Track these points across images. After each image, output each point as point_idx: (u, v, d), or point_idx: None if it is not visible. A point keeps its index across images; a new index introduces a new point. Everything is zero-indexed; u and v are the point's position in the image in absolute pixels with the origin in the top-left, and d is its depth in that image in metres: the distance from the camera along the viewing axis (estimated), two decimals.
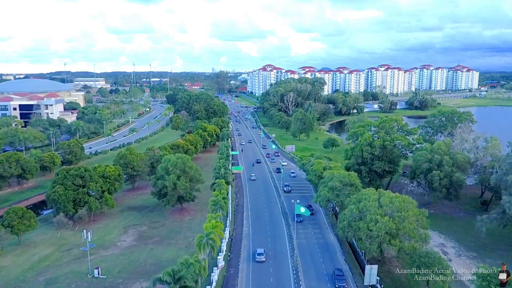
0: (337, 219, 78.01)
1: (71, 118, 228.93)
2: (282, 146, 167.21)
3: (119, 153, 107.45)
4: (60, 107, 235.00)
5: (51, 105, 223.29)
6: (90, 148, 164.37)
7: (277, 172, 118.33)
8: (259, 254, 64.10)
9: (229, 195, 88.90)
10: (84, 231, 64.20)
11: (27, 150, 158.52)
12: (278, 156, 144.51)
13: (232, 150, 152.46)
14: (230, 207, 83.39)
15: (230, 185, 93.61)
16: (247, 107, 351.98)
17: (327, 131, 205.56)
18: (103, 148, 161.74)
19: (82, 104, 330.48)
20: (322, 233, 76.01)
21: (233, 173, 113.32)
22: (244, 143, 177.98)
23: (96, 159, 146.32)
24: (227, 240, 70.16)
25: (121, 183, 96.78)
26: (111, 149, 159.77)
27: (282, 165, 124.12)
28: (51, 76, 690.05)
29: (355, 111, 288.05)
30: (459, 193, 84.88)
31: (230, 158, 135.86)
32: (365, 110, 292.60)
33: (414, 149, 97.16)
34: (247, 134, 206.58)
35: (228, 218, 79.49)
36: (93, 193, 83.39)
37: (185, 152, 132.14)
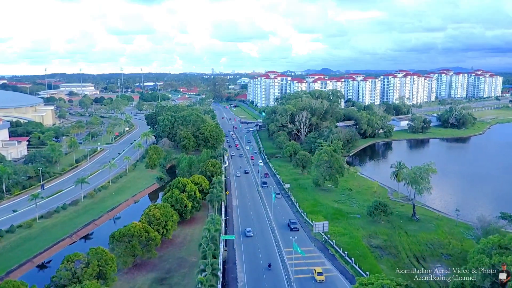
0: None
1: (17, 149, 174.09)
2: (302, 206, 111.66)
3: None
4: (4, 134, 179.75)
5: None
6: (13, 211, 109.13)
7: None
8: None
9: None
10: None
11: None
12: None
13: (226, 223, 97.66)
14: None
15: None
16: (247, 122, 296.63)
17: (360, 172, 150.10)
18: (36, 210, 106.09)
19: (51, 121, 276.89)
20: None
21: None
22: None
23: (4, 245, 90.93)
24: None
25: None
26: (40, 217, 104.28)
27: None
28: (36, 82, 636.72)
29: (381, 131, 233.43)
30: None
31: (222, 247, 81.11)
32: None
33: None
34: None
35: None
36: None
37: (146, 243, 77.15)
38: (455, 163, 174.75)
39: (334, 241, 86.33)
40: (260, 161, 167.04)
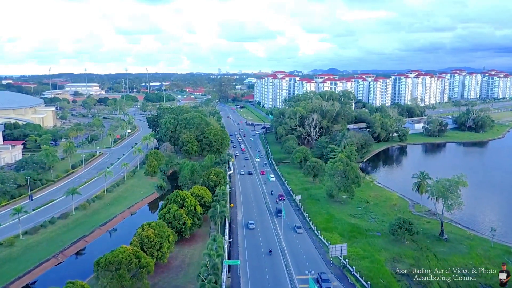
0: None
1: (11, 153, 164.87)
2: (315, 222, 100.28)
3: None
4: None
5: None
6: None
7: None
8: None
9: None
10: None
11: None
12: None
13: (230, 250, 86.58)
14: None
15: None
16: (254, 124, 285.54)
17: (376, 181, 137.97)
18: (19, 225, 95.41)
19: (51, 122, 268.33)
20: None
21: None
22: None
23: None
24: None
25: None
26: (25, 233, 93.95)
27: None
28: (42, 82, 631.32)
29: (395, 134, 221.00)
30: None
31: (225, 274, 70.32)
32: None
33: None
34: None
35: None
36: None
37: (137, 272, 66.48)
38: (479, 170, 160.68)
39: (354, 267, 74.92)
40: (272, 175, 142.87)
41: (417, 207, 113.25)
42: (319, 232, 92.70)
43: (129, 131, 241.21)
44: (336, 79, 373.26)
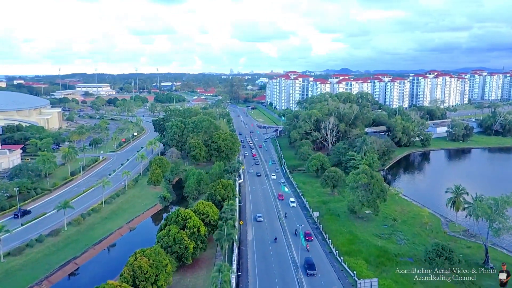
0: None
1: (8, 158, 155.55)
2: (336, 244, 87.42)
3: None
4: None
5: None
6: None
7: None
8: None
9: None
10: None
11: None
12: None
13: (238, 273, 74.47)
14: None
15: None
16: (265, 127, 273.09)
17: (402, 194, 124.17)
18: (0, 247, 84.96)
19: (57, 124, 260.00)
20: None
21: None
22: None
23: None
24: None
25: None
26: (7, 254, 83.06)
27: None
28: (54, 82, 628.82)
29: (417, 139, 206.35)
30: None
31: None
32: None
33: None
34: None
35: None
36: None
37: None
38: None
39: None
40: (293, 199, 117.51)
41: (451, 226, 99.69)
42: (342, 258, 79.80)
43: (135, 133, 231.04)
44: (352, 79, 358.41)
